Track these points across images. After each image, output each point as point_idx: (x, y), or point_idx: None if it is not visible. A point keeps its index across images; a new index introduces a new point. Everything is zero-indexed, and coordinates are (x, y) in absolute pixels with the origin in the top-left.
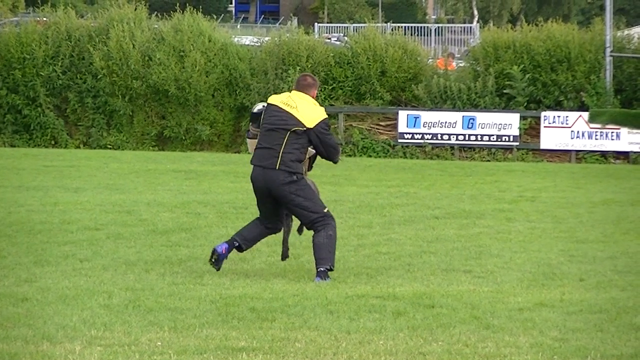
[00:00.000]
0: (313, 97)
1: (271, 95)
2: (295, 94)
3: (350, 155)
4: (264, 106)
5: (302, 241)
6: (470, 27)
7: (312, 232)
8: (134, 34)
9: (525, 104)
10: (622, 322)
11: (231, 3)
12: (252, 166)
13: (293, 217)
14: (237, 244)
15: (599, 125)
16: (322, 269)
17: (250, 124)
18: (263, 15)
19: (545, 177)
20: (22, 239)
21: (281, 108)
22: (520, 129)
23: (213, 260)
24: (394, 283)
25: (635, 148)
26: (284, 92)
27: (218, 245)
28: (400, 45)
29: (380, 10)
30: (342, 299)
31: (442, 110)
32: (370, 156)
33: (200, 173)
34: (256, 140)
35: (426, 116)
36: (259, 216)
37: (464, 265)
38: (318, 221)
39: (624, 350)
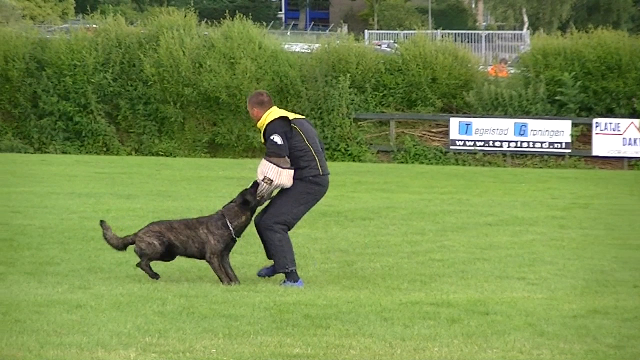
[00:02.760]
0: None
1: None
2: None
3: (402, 162)
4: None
5: (355, 249)
6: (521, 34)
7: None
8: (184, 41)
9: (577, 111)
10: None
11: (281, 10)
12: (318, 176)
13: None
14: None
15: None
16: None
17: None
18: (313, 22)
19: (597, 184)
20: (75, 246)
21: (307, 120)
22: (572, 136)
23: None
24: (448, 290)
25: None
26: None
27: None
28: (451, 52)
29: (430, 17)
30: (396, 306)
31: (493, 117)
32: (422, 163)
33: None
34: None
35: (478, 123)
36: (288, 227)
37: (517, 272)
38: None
39: None
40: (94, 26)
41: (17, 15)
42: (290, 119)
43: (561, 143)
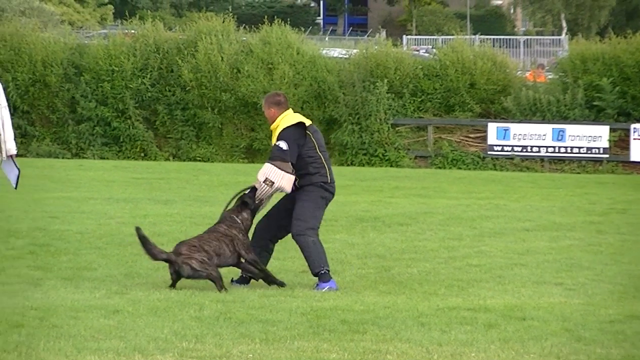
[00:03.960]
0: None
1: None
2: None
3: (439, 168)
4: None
5: (392, 254)
6: (559, 39)
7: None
8: (222, 46)
9: (615, 116)
10: None
11: (319, 15)
12: (327, 183)
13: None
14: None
15: None
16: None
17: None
18: (351, 28)
19: (636, 189)
20: (112, 251)
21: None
22: (610, 141)
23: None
24: (485, 295)
25: None
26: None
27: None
28: (489, 57)
29: (468, 22)
30: (433, 311)
31: (531, 123)
32: (460, 168)
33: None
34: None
35: (516, 128)
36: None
37: (555, 277)
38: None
39: None
40: (132, 31)
41: (55, 20)
42: (307, 124)
43: (599, 148)
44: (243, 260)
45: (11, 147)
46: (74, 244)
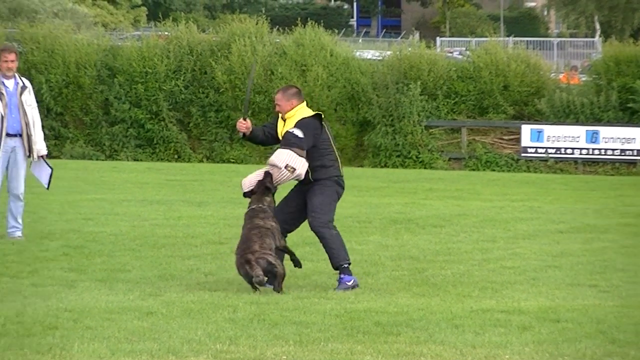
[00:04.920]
0: None
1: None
2: None
3: (473, 169)
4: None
5: (426, 256)
6: (593, 42)
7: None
8: (256, 48)
9: None
10: None
11: (353, 17)
12: (340, 177)
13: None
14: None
15: None
16: None
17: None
18: (385, 29)
19: None
20: (146, 253)
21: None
22: None
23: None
24: (519, 297)
25: None
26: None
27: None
28: (523, 59)
29: (502, 24)
30: (467, 313)
31: (565, 125)
32: (493, 170)
33: None
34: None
35: (549, 130)
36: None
37: (589, 279)
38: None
39: None
40: (166, 33)
41: (89, 22)
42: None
43: (633, 150)
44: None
45: (41, 147)
46: (108, 246)
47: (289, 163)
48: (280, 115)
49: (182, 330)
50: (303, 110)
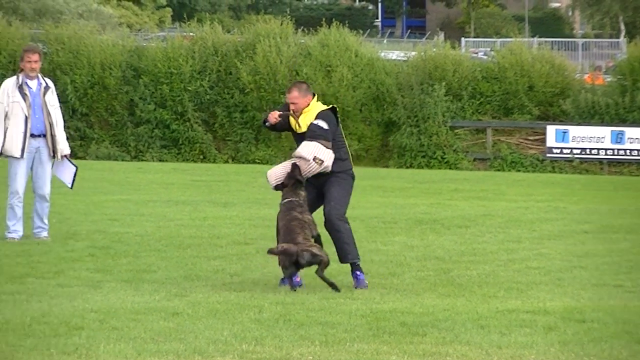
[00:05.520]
0: None
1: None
2: None
3: (498, 170)
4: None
5: (451, 256)
6: (617, 42)
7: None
8: (281, 48)
9: None
10: None
11: (378, 18)
12: (352, 170)
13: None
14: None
15: None
16: None
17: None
18: (409, 30)
19: None
20: (172, 254)
21: None
22: None
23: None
24: (544, 298)
25: None
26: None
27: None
28: (548, 60)
29: (527, 24)
30: (492, 313)
31: (590, 125)
32: (518, 171)
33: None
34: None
35: (574, 131)
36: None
37: (614, 279)
38: None
39: None
40: (191, 34)
41: (114, 23)
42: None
43: None
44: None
45: (64, 147)
46: (134, 247)
47: (317, 155)
48: (293, 110)
49: (208, 330)
50: (319, 104)
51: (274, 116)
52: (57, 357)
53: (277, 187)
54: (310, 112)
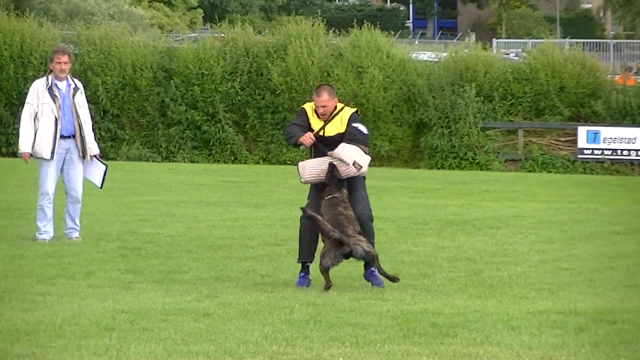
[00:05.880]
0: None
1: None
2: None
3: (529, 171)
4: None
5: (482, 257)
6: None
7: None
8: (312, 49)
9: None
10: None
11: (409, 19)
12: None
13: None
14: None
15: None
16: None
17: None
18: (441, 31)
19: None
20: (203, 254)
21: None
22: None
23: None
24: (575, 299)
25: None
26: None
27: None
28: (579, 61)
29: (558, 25)
30: (523, 314)
31: (621, 126)
32: (550, 172)
33: (379, 189)
34: None
35: (606, 132)
36: None
37: None
38: None
39: None
40: (222, 35)
41: (145, 24)
42: None
43: None
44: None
45: (93, 147)
46: (165, 248)
47: (357, 160)
48: (317, 114)
49: (239, 331)
50: (345, 107)
51: (310, 138)
52: (88, 358)
53: (328, 180)
54: (341, 115)
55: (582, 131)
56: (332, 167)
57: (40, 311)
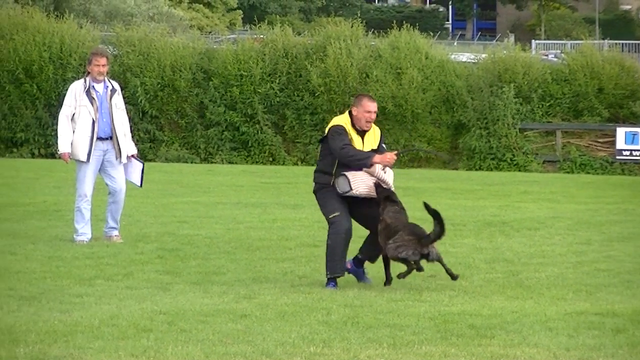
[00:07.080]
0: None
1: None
2: None
3: (568, 172)
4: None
5: (520, 258)
6: None
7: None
8: (351, 51)
9: None
10: None
11: (448, 20)
12: None
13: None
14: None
15: None
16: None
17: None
18: (480, 32)
19: None
20: (241, 256)
21: None
22: None
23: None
24: (613, 300)
25: None
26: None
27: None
28: (618, 62)
29: (597, 27)
30: (561, 315)
31: None
32: (588, 173)
33: (418, 190)
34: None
35: None
36: None
37: None
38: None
39: None
40: (261, 36)
41: (184, 25)
42: None
43: None
44: None
45: (130, 148)
46: (203, 249)
47: (391, 185)
48: (355, 127)
49: (276, 332)
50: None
51: (393, 159)
52: (125, 359)
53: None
54: (374, 131)
55: (621, 132)
56: (376, 186)
57: (78, 312)
